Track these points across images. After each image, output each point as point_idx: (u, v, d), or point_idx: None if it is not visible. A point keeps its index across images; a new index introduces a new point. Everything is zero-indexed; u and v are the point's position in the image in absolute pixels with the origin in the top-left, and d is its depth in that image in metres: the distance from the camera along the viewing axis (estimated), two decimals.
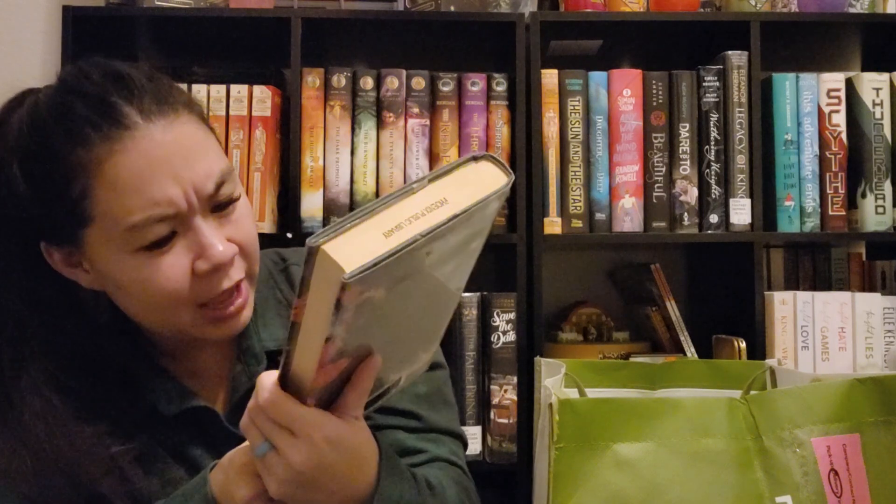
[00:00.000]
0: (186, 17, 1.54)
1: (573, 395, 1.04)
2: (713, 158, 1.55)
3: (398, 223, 0.58)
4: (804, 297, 1.52)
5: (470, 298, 1.51)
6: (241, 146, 1.51)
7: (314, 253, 0.57)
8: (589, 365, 1.28)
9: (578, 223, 1.54)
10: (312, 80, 1.52)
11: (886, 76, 1.57)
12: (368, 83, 1.53)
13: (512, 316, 1.50)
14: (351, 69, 1.54)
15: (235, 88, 1.52)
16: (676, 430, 0.94)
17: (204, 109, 0.87)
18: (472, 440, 1.48)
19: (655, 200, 1.55)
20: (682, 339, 1.54)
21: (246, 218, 0.84)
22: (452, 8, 1.58)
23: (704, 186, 1.55)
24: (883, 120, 1.56)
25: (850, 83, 1.58)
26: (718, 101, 1.55)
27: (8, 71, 1.45)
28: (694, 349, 1.54)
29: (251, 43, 1.64)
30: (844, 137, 1.57)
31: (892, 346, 1.52)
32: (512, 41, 1.53)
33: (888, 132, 1.57)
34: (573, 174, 1.54)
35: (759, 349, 1.50)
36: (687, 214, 1.55)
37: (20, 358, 0.81)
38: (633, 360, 1.50)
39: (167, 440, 0.86)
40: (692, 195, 1.55)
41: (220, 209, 0.81)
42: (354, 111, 1.54)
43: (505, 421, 1.49)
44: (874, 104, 1.56)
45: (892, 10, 1.72)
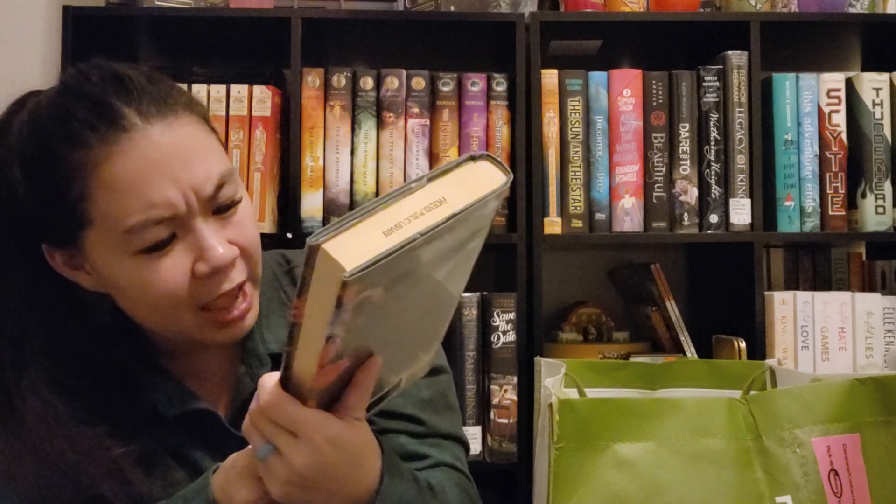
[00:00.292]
0: (186, 17, 1.54)
1: (573, 395, 1.04)
2: (713, 158, 1.55)
3: (397, 222, 0.58)
4: (804, 297, 1.52)
5: (470, 298, 1.51)
6: (241, 146, 1.51)
7: (314, 252, 0.57)
8: (589, 365, 1.28)
9: (578, 223, 1.54)
10: (312, 80, 1.52)
11: (886, 76, 1.57)
12: (368, 83, 1.53)
13: (512, 316, 1.50)
14: (351, 69, 1.54)
15: (235, 88, 1.52)
16: (676, 430, 0.94)
17: (206, 111, 0.86)
18: (472, 440, 1.48)
19: (655, 200, 1.55)
20: (682, 339, 1.54)
21: (248, 220, 0.84)
22: (452, 8, 1.58)
23: (704, 186, 1.55)
24: (883, 120, 1.56)
25: (850, 83, 1.58)
26: (718, 101, 1.56)
27: (8, 71, 1.45)
28: (694, 349, 1.54)
29: (251, 43, 1.64)
30: (844, 137, 1.57)
31: (892, 346, 1.52)
32: (512, 41, 1.53)
33: (888, 132, 1.57)
34: (573, 174, 1.54)
35: (759, 349, 1.50)
36: (687, 214, 1.55)
37: (21, 359, 0.81)
38: (633, 360, 1.50)
39: (168, 441, 0.86)
40: (692, 195, 1.55)
41: (221, 211, 0.81)
42: (354, 111, 1.54)
43: (505, 421, 1.49)
44: (874, 104, 1.56)
45: (892, 10, 1.72)
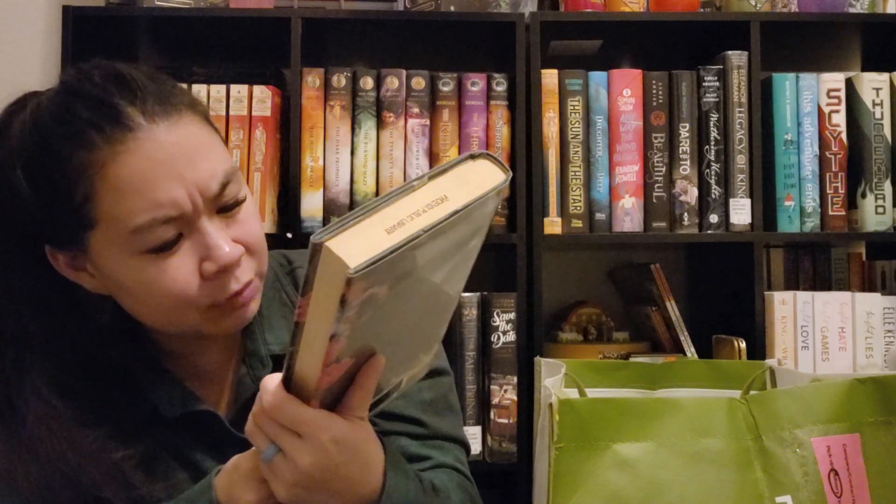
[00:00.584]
0: (186, 17, 1.54)
1: (573, 395, 1.04)
2: (713, 158, 1.55)
3: (400, 220, 0.59)
4: (804, 297, 1.52)
5: (470, 298, 1.51)
6: (241, 146, 1.51)
7: (318, 250, 0.57)
8: (589, 365, 1.28)
9: (578, 223, 1.54)
10: (312, 80, 1.52)
11: (886, 76, 1.57)
12: (368, 83, 1.53)
13: (512, 316, 1.50)
14: (351, 69, 1.54)
15: (235, 88, 1.52)
16: (676, 430, 0.94)
17: (208, 110, 0.86)
18: (472, 440, 1.47)
19: (655, 200, 1.55)
20: (682, 339, 1.54)
21: (252, 218, 0.84)
22: (452, 8, 1.58)
23: (704, 186, 1.55)
24: (883, 120, 1.56)
25: (850, 83, 1.58)
26: (718, 101, 1.56)
27: (8, 71, 1.45)
28: (694, 349, 1.54)
29: (251, 43, 1.64)
30: (844, 137, 1.57)
31: (892, 346, 1.52)
32: (512, 41, 1.53)
33: (888, 132, 1.57)
34: (573, 174, 1.54)
35: (759, 349, 1.50)
36: (687, 214, 1.55)
37: (22, 360, 0.81)
38: (633, 360, 1.50)
39: (169, 442, 0.85)
40: (692, 195, 1.55)
41: (225, 210, 0.81)
42: (354, 111, 1.54)
43: (505, 421, 1.49)
44: (874, 104, 1.56)
45: (892, 10, 1.72)
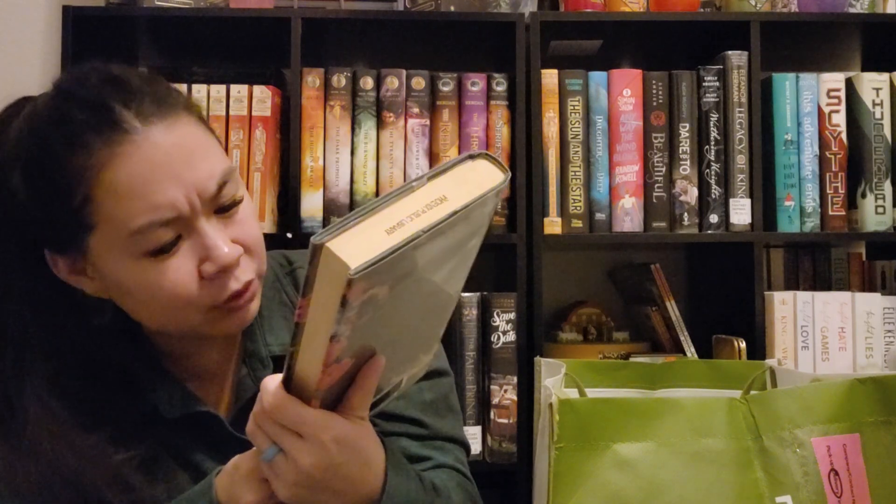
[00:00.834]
0: (186, 17, 1.54)
1: (573, 395, 1.04)
2: (713, 158, 1.55)
3: (399, 220, 0.59)
4: (804, 297, 1.52)
5: (470, 298, 1.51)
6: (241, 146, 1.51)
7: (318, 251, 0.57)
8: (589, 365, 1.28)
9: (578, 223, 1.54)
10: (312, 80, 1.52)
11: (886, 76, 1.57)
12: (368, 83, 1.53)
13: (512, 316, 1.50)
14: (351, 69, 1.54)
15: (235, 88, 1.52)
16: (676, 430, 0.94)
17: (202, 110, 0.86)
18: (472, 440, 1.47)
19: (655, 200, 1.55)
20: (682, 339, 1.54)
21: (250, 218, 0.84)
22: (452, 8, 1.58)
23: (704, 186, 1.55)
24: (883, 120, 1.56)
25: (850, 83, 1.58)
26: (718, 101, 1.56)
27: (8, 71, 1.45)
28: (694, 349, 1.54)
29: (251, 43, 1.64)
30: (844, 137, 1.57)
31: (892, 346, 1.52)
32: (512, 41, 1.53)
33: (888, 132, 1.57)
34: (573, 174, 1.54)
35: (759, 349, 1.50)
36: (687, 214, 1.55)
37: (22, 363, 0.81)
38: (633, 360, 1.50)
39: (170, 444, 0.85)
40: (692, 195, 1.55)
41: (223, 211, 0.81)
42: (354, 111, 1.54)
43: (505, 421, 1.49)
44: (874, 104, 1.56)
45: (892, 10, 1.72)
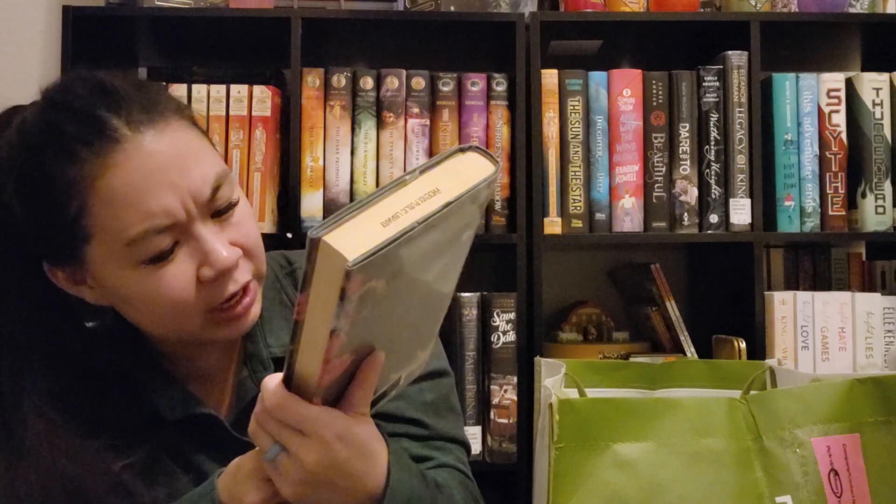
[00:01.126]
0: (186, 17, 1.54)
1: (573, 395, 1.04)
2: (713, 158, 1.55)
3: (394, 213, 0.59)
4: (804, 297, 1.52)
5: (470, 298, 1.51)
6: (241, 146, 1.51)
7: (316, 245, 0.58)
8: (589, 365, 1.28)
9: (578, 223, 1.54)
10: (312, 80, 1.52)
11: (886, 76, 1.57)
12: (368, 83, 1.53)
13: (512, 316, 1.50)
14: (351, 69, 1.54)
15: (235, 88, 1.52)
16: (676, 430, 0.94)
17: (195, 113, 0.86)
18: (472, 440, 1.47)
19: (655, 200, 1.55)
20: (682, 339, 1.54)
21: (247, 220, 0.84)
22: (452, 8, 1.58)
23: (704, 186, 1.55)
24: (883, 120, 1.56)
25: (850, 83, 1.58)
26: (718, 101, 1.56)
27: (8, 71, 1.45)
28: (694, 349, 1.54)
29: (251, 43, 1.64)
30: (844, 137, 1.57)
31: (892, 346, 1.52)
32: (512, 41, 1.53)
33: (888, 132, 1.57)
34: (573, 174, 1.54)
35: (759, 349, 1.50)
36: (687, 214, 1.55)
37: (21, 372, 0.81)
38: (633, 360, 1.50)
39: (171, 447, 0.85)
40: (692, 195, 1.55)
41: (220, 214, 0.81)
42: (354, 111, 1.54)
43: (505, 421, 1.49)
44: (874, 104, 1.56)
45: (892, 10, 1.72)
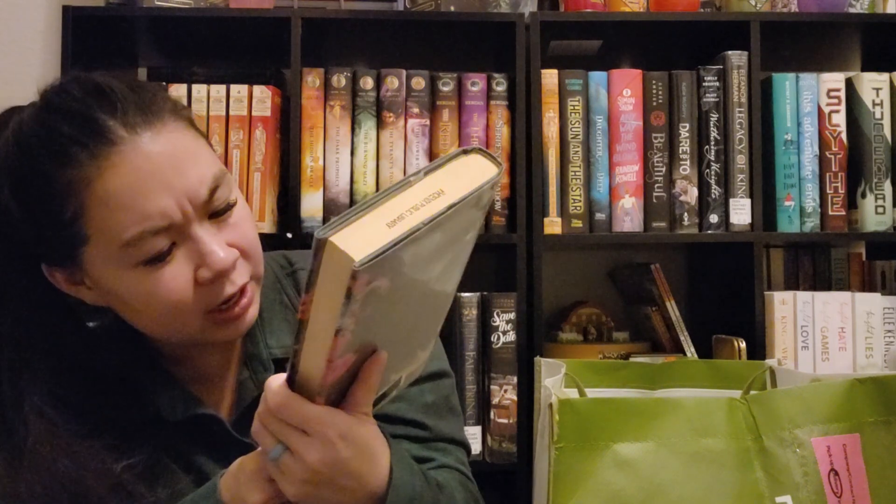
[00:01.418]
0: (186, 17, 1.54)
1: (573, 395, 1.04)
2: (713, 158, 1.55)
3: (399, 214, 0.60)
4: (804, 297, 1.52)
5: (470, 298, 1.51)
6: (241, 146, 1.51)
7: (322, 245, 0.58)
8: (589, 365, 1.28)
9: (578, 223, 1.54)
10: (312, 80, 1.52)
11: (886, 76, 1.57)
12: (368, 83, 1.53)
13: (512, 316, 1.50)
14: (351, 69, 1.54)
15: (235, 88, 1.52)
16: (676, 430, 0.94)
17: (193, 114, 0.86)
18: (472, 440, 1.47)
19: (655, 200, 1.55)
20: (682, 339, 1.54)
21: (245, 221, 0.84)
22: (452, 8, 1.58)
23: (704, 186, 1.55)
24: (883, 120, 1.56)
25: (850, 83, 1.58)
26: (718, 101, 1.56)
27: (8, 71, 1.45)
28: (694, 349, 1.54)
29: (251, 43, 1.64)
30: (844, 137, 1.57)
31: (892, 346, 1.52)
32: (512, 41, 1.53)
33: (888, 132, 1.57)
34: (573, 174, 1.54)
35: (759, 349, 1.50)
36: (687, 214, 1.55)
37: (21, 374, 0.81)
38: (633, 360, 1.50)
39: (173, 448, 0.85)
40: (692, 195, 1.55)
41: (217, 215, 0.80)
42: (354, 111, 1.54)
43: (505, 421, 1.49)
44: (874, 104, 1.56)
45: (892, 10, 1.72)
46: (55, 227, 0.77)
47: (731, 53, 1.55)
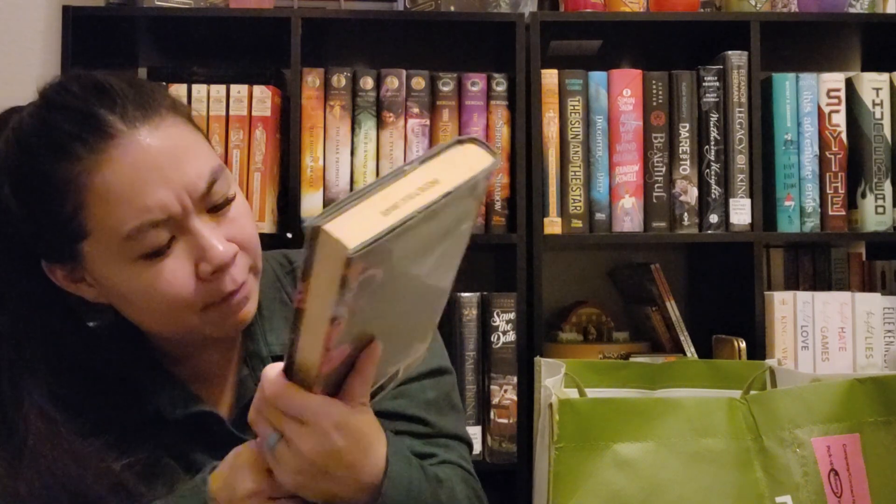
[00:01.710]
0: (186, 17, 1.54)
1: (573, 395, 1.04)
2: (713, 158, 1.55)
3: (394, 203, 0.60)
4: (804, 297, 1.52)
5: (470, 298, 1.51)
6: (241, 146, 1.51)
7: (316, 234, 0.58)
8: (589, 365, 1.28)
9: (578, 223, 1.54)
10: (312, 80, 1.52)
11: (886, 76, 1.57)
12: (368, 83, 1.53)
13: (512, 316, 1.50)
14: (351, 69, 1.54)
15: (235, 88, 1.52)
16: (676, 430, 0.94)
17: (190, 110, 0.86)
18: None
19: (655, 200, 1.55)
20: (682, 339, 1.55)
21: (244, 216, 0.84)
22: (452, 8, 1.58)
23: (704, 186, 1.55)
24: (883, 120, 1.56)
25: (850, 83, 1.58)
26: (718, 101, 1.56)
27: (8, 71, 1.45)
28: (694, 349, 1.54)
29: (251, 43, 1.64)
30: (844, 137, 1.57)
31: (892, 346, 1.52)
32: (512, 41, 1.53)
33: (888, 132, 1.57)
34: (573, 174, 1.54)
35: (759, 349, 1.50)
36: (687, 214, 1.55)
37: (20, 373, 0.81)
38: (633, 360, 1.50)
39: (173, 446, 0.85)
40: (692, 195, 1.55)
41: (216, 210, 0.81)
42: (354, 111, 1.54)
43: (505, 421, 1.49)
44: (874, 104, 1.56)
45: (892, 10, 1.72)
46: (55, 222, 0.77)
47: (731, 53, 1.55)
